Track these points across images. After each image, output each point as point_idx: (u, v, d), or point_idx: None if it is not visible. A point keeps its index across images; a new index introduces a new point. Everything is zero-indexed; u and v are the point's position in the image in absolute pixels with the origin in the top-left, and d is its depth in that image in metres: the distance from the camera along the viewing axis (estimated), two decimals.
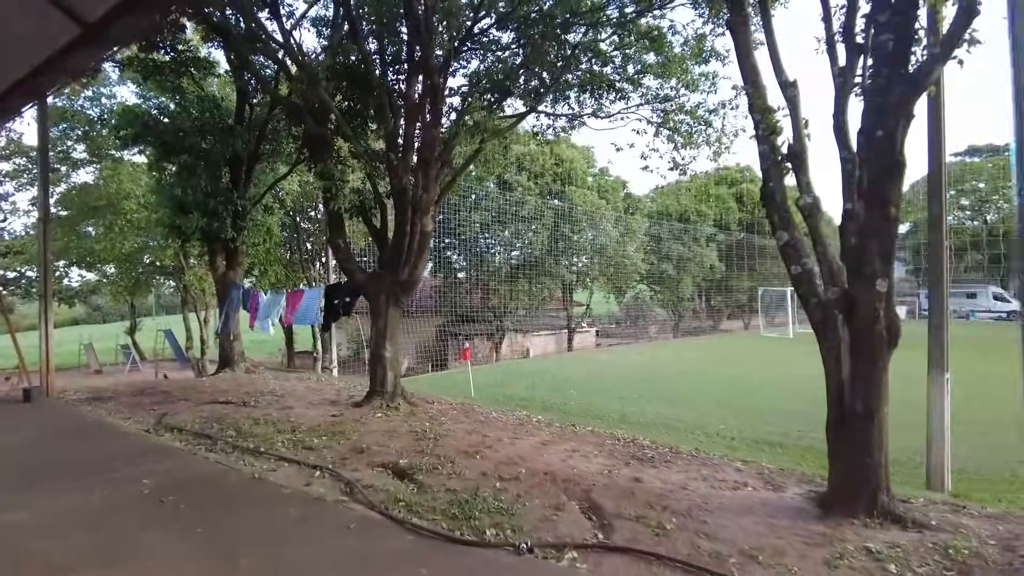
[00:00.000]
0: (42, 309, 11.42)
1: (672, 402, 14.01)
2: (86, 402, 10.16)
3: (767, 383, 16.71)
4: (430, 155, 8.46)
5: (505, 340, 30.66)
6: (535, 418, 8.51)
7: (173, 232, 12.72)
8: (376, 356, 8.99)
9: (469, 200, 26.03)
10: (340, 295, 9.80)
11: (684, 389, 16.05)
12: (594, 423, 12.19)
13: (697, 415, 12.34)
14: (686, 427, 11.68)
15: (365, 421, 7.88)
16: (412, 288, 9.14)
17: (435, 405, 9.36)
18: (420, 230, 8.82)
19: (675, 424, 11.71)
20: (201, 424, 7.92)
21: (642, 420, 12.23)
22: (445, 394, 12.07)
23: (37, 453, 6.53)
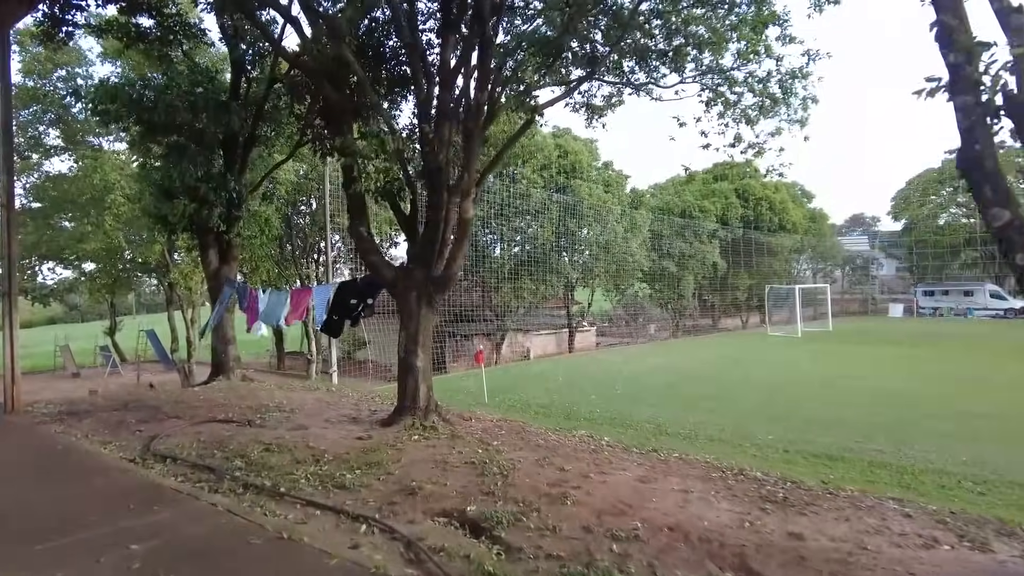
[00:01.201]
0: (6, 309, 9.85)
1: (705, 408, 12.95)
2: (58, 419, 8.64)
3: (794, 385, 15.78)
4: (474, 125, 7.08)
5: (505, 340, 29.32)
6: (602, 440, 7.17)
7: (159, 223, 11.18)
8: (406, 366, 7.58)
9: None
10: (357, 294, 8.36)
11: (710, 393, 15.04)
12: (629, 433, 11.00)
13: (737, 423, 11.36)
14: (732, 437, 10.71)
15: (402, 446, 6.48)
16: (448, 285, 7.77)
17: (474, 422, 8.00)
18: (459, 217, 7.44)
19: (720, 435, 10.58)
20: (200, 451, 6.47)
21: (683, 431, 11.17)
22: (455, 401, 10.74)
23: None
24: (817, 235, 49.01)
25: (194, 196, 10.27)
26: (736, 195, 40.85)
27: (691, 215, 36.95)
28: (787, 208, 43.19)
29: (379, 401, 9.40)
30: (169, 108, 9.16)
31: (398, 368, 7.70)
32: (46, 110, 17.42)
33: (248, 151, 11.65)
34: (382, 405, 9.00)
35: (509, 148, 7.49)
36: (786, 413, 12.20)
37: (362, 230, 7.69)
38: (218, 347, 11.85)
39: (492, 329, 28.33)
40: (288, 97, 11.14)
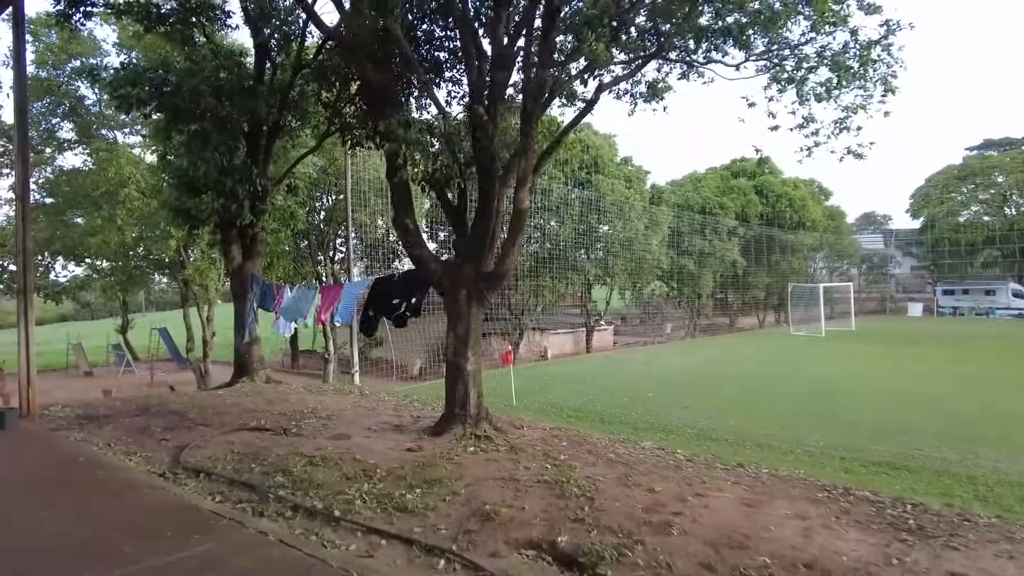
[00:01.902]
0: (21, 308, 9.28)
1: (742, 411, 12.31)
2: (76, 425, 8.06)
3: (828, 387, 15.12)
4: (534, 106, 6.42)
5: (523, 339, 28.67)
6: (677, 453, 6.50)
7: (180, 217, 10.58)
8: (455, 370, 6.95)
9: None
10: (401, 291, 7.72)
11: (743, 395, 14.45)
12: (671, 439, 10.35)
13: (780, 428, 10.77)
14: (780, 443, 10.13)
15: (458, 459, 5.85)
16: (500, 282, 7.13)
17: (526, 431, 7.36)
18: (514, 207, 6.80)
19: (767, 441, 10.03)
20: (235, 464, 5.86)
21: (727, 437, 10.61)
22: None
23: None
24: (835, 233, 48.18)
25: (219, 189, 9.66)
26: (755, 192, 40.04)
27: (710, 212, 36.16)
28: (807, 205, 42.37)
29: (419, 406, 8.77)
30: (194, 92, 8.55)
31: (446, 372, 7.07)
32: (59, 102, 16.88)
33: (272, 141, 11.06)
34: (423, 410, 8.38)
35: (569, 132, 6.85)
36: (828, 416, 11.69)
37: (408, 222, 7.05)
38: (241, 347, 11.25)
39: (510, 328, 27.73)
40: (316, 84, 10.52)
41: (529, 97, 6.42)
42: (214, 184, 9.70)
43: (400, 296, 7.69)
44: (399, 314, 7.62)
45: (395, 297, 7.74)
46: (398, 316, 7.63)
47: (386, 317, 7.86)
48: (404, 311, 7.61)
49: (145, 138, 18.00)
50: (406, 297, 7.62)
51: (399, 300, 7.69)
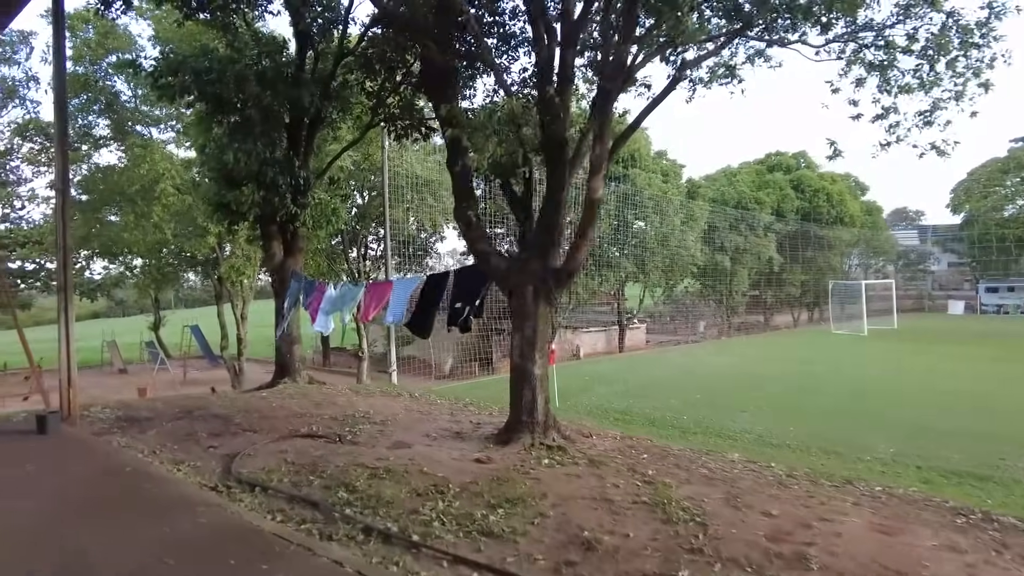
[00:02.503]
0: (61, 306, 8.96)
1: (798, 414, 11.70)
2: (118, 429, 7.71)
3: (883, 388, 14.48)
4: (613, 86, 5.85)
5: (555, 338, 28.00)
6: (772, 466, 5.90)
7: (220, 212, 10.20)
8: (522, 374, 6.41)
9: None
10: (461, 291, 7.18)
11: (794, 397, 13.78)
12: (728, 444, 9.74)
13: (842, 432, 10.20)
14: (847, 450, 9.44)
15: (535, 473, 5.32)
16: (570, 279, 6.58)
17: (595, 439, 6.81)
18: (586, 197, 6.24)
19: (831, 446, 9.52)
20: (292, 477, 5.39)
21: (789, 442, 9.98)
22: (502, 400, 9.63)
23: (43, 550, 3.97)
24: (873, 228, 46.80)
25: (260, 181, 9.25)
26: (792, 186, 38.92)
27: (746, 207, 35.18)
28: (845, 200, 41.15)
29: (475, 410, 8.27)
30: (239, 79, 8.12)
31: (511, 376, 6.54)
32: (96, 99, 16.71)
33: (313, 133, 10.62)
34: (480, 415, 7.88)
35: (648, 115, 6.26)
36: (891, 421, 11.13)
37: (470, 214, 6.53)
38: (282, 346, 10.86)
39: None
40: (359, 73, 10.06)
41: (607, 76, 5.83)
42: (255, 176, 9.29)
43: (462, 299, 7.14)
44: (463, 319, 7.08)
45: (456, 301, 7.19)
46: (462, 320, 7.09)
47: (448, 323, 7.31)
48: (468, 315, 7.06)
49: (179, 134, 17.80)
50: (468, 299, 7.06)
51: (461, 304, 7.13)
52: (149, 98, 16.31)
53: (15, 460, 5.81)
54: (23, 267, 24.60)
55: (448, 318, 7.43)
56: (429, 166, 19.77)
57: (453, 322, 7.28)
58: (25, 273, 24.38)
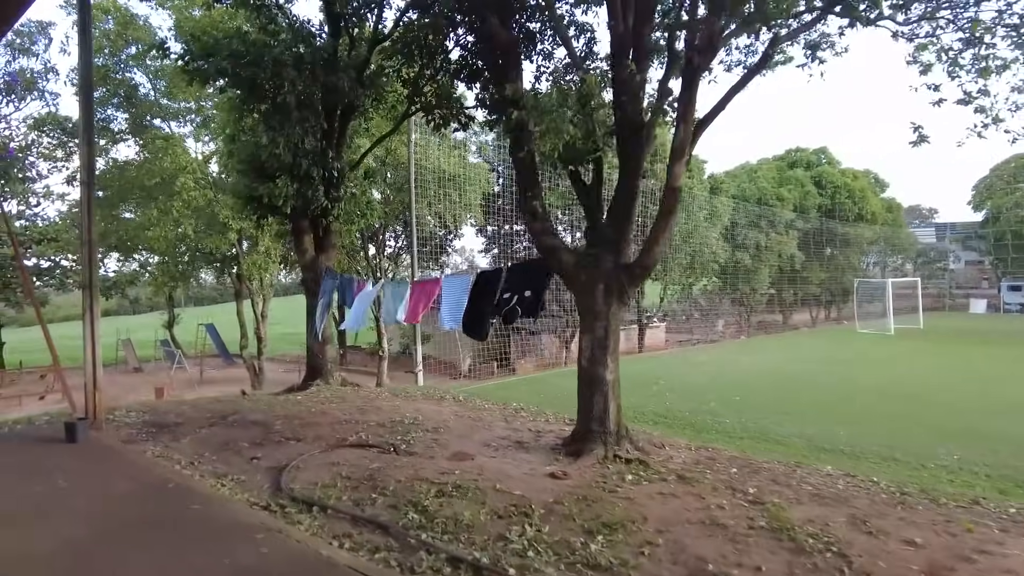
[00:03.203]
0: (87, 303, 8.47)
1: (841, 418, 11.00)
2: (148, 435, 7.22)
3: (924, 390, 13.68)
4: (703, 61, 5.29)
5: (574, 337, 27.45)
6: (875, 481, 5.33)
7: (250, 205, 9.70)
8: (592, 379, 5.87)
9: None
10: (514, 284, 6.62)
11: (835, 399, 13.01)
12: (779, 451, 9.12)
13: (895, 437, 9.56)
14: (905, 456, 8.78)
15: (621, 490, 4.78)
16: (645, 275, 6.04)
17: (668, 450, 6.26)
18: (666, 185, 5.68)
19: (888, 452, 8.92)
20: (351, 494, 4.86)
21: (842, 447, 9.39)
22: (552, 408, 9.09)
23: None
24: (893, 226, 46.03)
25: (294, 173, 8.73)
26: (813, 183, 38.20)
27: (767, 203, 34.48)
28: (867, 197, 40.40)
29: (528, 416, 7.74)
30: (277, 63, 7.60)
31: (579, 381, 5.99)
32: (115, 92, 16.27)
33: (346, 123, 10.10)
34: (536, 422, 7.35)
35: (736, 94, 5.67)
36: (941, 424, 10.51)
37: (536, 205, 5.98)
38: (314, 347, 10.36)
39: (561, 325, 26.64)
40: (396, 59, 9.53)
41: (696, 49, 5.27)
42: (288, 168, 8.77)
43: (512, 290, 6.59)
44: (509, 308, 6.50)
45: (507, 292, 6.64)
46: (508, 311, 6.52)
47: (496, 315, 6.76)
48: (514, 305, 6.49)
49: (197, 128, 17.35)
50: (519, 291, 6.51)
51: (510, 294, 6.58)
52: (170, 91, 15.87)
53: (45, 474, 5.30)
54: (38, 264, 24.28)
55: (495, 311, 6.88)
56: (453, 160, 19.25)
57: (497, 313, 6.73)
58: (41, 271, 24.04)
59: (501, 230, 27.01)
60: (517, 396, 12.34)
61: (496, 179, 24.16)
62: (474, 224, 25.16)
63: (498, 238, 27.25)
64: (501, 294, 6.76)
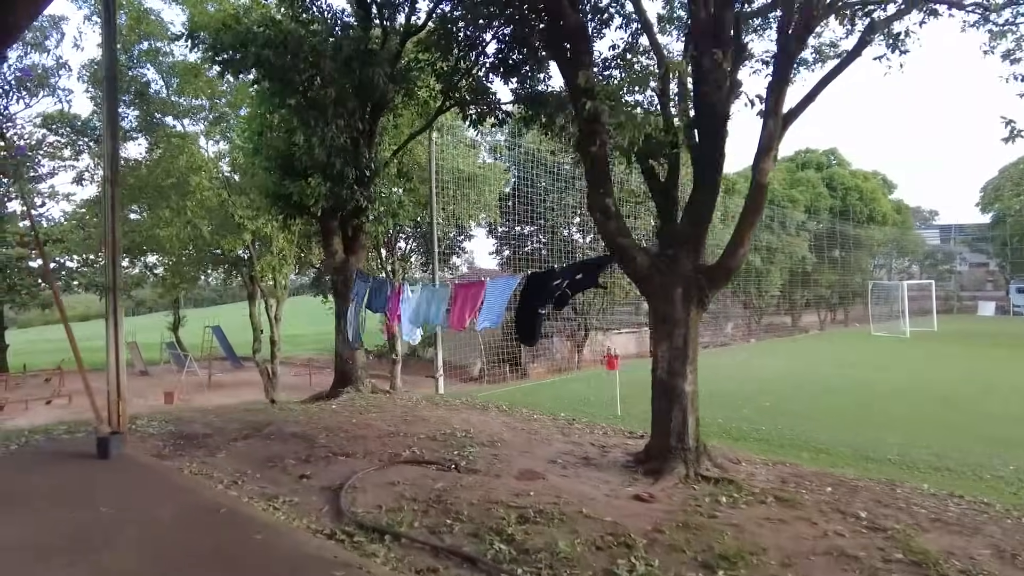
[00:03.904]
0: (109, 307, 8.01)
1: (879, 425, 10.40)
2: (179, 448, 6.79)
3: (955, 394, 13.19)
4: (797, 47, 4.86)
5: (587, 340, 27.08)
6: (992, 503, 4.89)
7: (278, 205, 9.26)
8: (669, 391, 5.43)
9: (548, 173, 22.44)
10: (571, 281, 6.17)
11: (869, 404, 12.43)
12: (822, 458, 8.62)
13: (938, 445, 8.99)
14: (958, 467, 8.32)
15: (720, 514, 4.36)
16: (727, 279, 5.61)
17: (744, 466, 5.83)
18: (753, 182, 5.25)
19: (939, 462, 8.34)
20: (422, 518, 4.42)
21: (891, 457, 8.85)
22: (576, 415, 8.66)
23: None
24: (903, 227, 45.77)
25: (328, 172, 8.29)
26: (824, 184, 37.89)
27: (779, 205, 34.12)
28: (877, 198, 40.10)
29: (582, 428, 7.30)
30: (315, 53, 7.16)
31: (655, 393, 5.56)
32: (126, 88, 15.78)
33: (376, 119, 9.66)
34: (594, 434, 6.91)
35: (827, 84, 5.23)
36: (990, 432, 9.92)
37: (608, 203, 5.54)
38: (343, 353, 9.91)
39: (574, 328, 26.18)
40: (432, 52, 9.11)
41: (791, 36, 4.84)
42: (322, 166, 8.33)
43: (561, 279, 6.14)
44: (560, 294, 6.06)
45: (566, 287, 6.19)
46: (559, 296, 6.07)
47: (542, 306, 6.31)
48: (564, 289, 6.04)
49: (210, 125, 16.86)
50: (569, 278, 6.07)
51: (559, 281, 6.13)
52: (183, 88, 15.40)
53: (82, 497, 4.85)
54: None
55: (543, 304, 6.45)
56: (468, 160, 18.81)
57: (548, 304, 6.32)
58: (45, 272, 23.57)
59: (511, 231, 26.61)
60: (543, 403, 11.91)
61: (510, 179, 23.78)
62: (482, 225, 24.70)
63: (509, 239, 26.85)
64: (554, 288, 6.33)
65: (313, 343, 38.07)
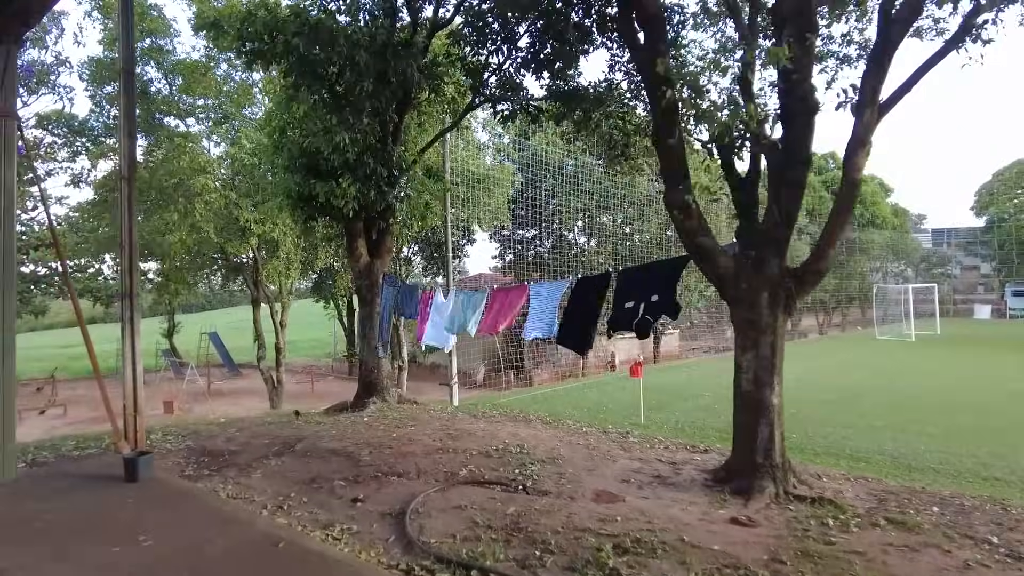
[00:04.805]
0: (126, 315, 7.51)
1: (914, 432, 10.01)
2: (202, 465, 6.33)
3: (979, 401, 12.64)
4: (899, 34, 4.48)
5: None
6: None
7: (300, 207, 8.77)
8: (755, 403, 5.01)
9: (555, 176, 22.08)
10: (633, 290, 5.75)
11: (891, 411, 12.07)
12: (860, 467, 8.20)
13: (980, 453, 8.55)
14: (1013, 478, 8.01)
15: (837, 541, 3.93)
16: (816, 282, 5.20)
17: (826, 481, 5.42)
18: (845, 177, 4.86)
19: (981, 470, 7.92)
20: (505, 549, 3.96)
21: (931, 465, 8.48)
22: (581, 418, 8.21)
23: None
24: (901, 231, 45.94)
25: (362, 173, 7.83)
26: (824, 188, 37.87)
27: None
28: (876, 201, 40.18)
29: (638, 441, 6.85)
30: (352, 44, 6.70)
31: (740, 406, 5.14)
32: None
33: (403, 115, 9.21)
34: (655, 448, 6.47)
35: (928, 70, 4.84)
36: None
37: (688, 199, 5.12)
38: (368, 361, 9.41)
39: None
40: (463, 45, 8.69)
41: (897, 19, 4.46)
42: (352, 166, 7.87)
43: (635, 298, 5.73)
44: (639, 320, 5.65)
45: (628, 300, 5.78)
46: (639, 322, 5.66)
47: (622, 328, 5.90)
48: (643, 315, 5.63)
49: (215, 124, 16.32)
50: (643, 297, 5.65)
51: (633, 303, 5.72)
52: (188, 86, 14.87)
53: (119, 527, 4.33)
54: (35, 271, 23.08)
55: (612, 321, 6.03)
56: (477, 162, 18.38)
57: (620, 325, 5.88)
58: (38, 278, 22.87)
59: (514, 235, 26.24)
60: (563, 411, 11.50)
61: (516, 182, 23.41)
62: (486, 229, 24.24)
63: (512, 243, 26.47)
64: (621, 302, 5.91)
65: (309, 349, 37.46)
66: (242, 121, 15.01)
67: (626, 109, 9.36)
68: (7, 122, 5.67)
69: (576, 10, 8.63)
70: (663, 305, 5.57)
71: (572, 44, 8.64)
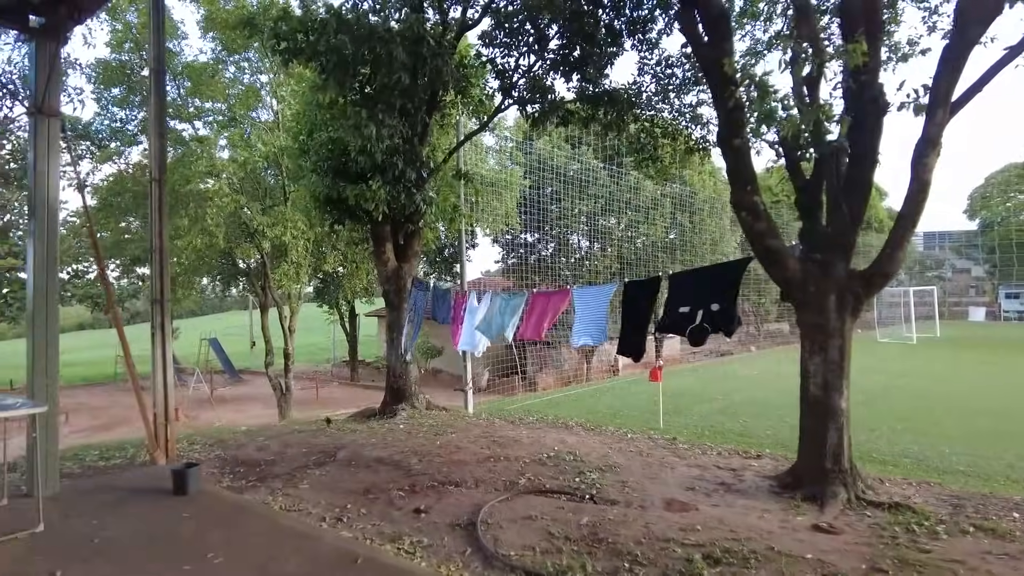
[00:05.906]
0: (157, 321, 7.36)
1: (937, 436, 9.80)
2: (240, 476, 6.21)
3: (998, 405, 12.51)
4: (976, 31, 4.42)
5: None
6: None
7: (328, 210, 8.62)
8: (824, 408, 4.93)
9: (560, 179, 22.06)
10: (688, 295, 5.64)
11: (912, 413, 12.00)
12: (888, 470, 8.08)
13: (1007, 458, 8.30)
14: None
15: (935, 549, 3.84)
16: (883, 285, 5.12)
17: (888, 485, 5.34)
18: (914, 178, 4.79)
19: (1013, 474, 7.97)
20: (591, 562, 3.83)
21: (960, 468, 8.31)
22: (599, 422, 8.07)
23: None
24: None
25: (388, 175, 7.69)
26: None
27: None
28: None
29: (687, 447, 6.74)
30: (388, 41, 6.57)
31: (807, 411, 5.05)
32: (137, 90, 15.02)
33: (430, 117, 9.09)
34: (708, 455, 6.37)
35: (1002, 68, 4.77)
36: None
37: (756, 200, 5.04)
38: (396, 367, 9.25)
39: None
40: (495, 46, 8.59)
41: (970, 18, 4.40)
42: (382, 168, 7.73)
43: (692, 304, 5.62)
44: (695, 326, 5.53)
45: (683, 304, 5.67)
46: (694, 329, 5.54)
47: (674, 332, 5.80)
48: (701, 323, 5.52)
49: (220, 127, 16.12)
50: (702, 304, 5.54)
51: (689, 308, 5.61)
52: (198, 89, 14.67)
53: (182, 544, 4.16)
54: None
55: (661, 325, 5.90)
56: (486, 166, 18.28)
57: (672, 330, 5.75)
58: None
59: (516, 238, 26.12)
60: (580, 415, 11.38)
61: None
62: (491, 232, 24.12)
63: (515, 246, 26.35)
64: (674, 308, 5.79)
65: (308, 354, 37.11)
66: (252, 125, 14.80)
67: (653, 112, 9.33)
68: (51, 121, 5.50)
69: (607, 12, 8.59)
70: (724, 316, 5.44)
71: (602, 46, 8.58)
